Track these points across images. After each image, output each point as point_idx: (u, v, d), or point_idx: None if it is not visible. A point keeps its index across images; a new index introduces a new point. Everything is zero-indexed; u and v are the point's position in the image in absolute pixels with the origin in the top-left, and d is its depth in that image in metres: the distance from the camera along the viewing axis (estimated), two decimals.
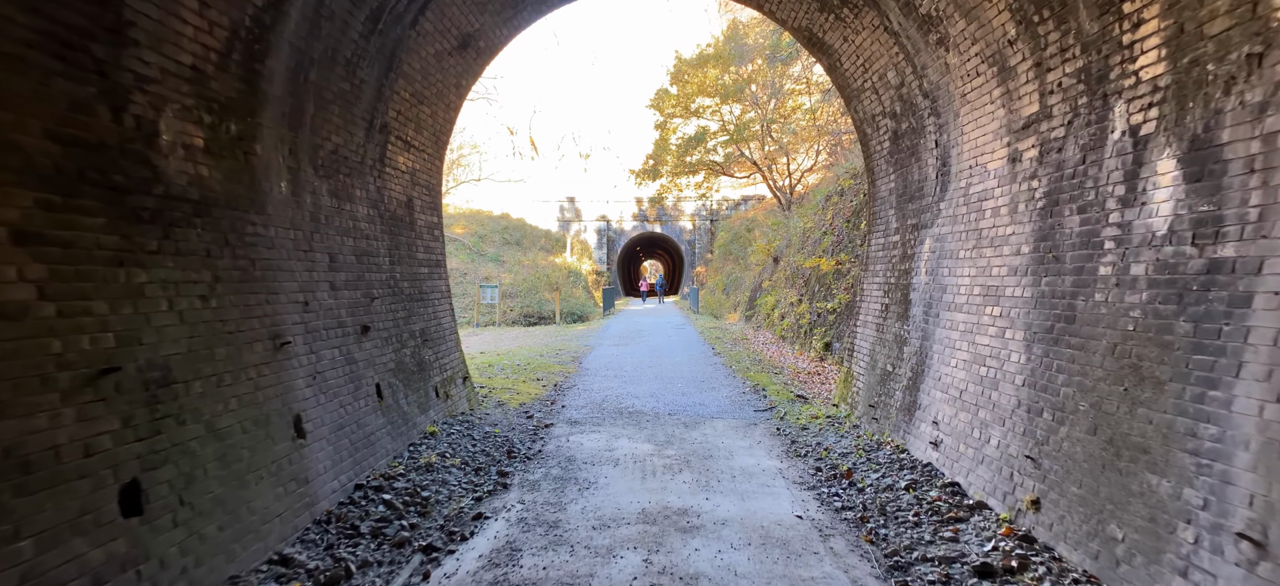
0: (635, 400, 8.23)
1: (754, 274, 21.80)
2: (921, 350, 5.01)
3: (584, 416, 7.30)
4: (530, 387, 9.18)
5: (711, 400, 8.15)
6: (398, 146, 5.52)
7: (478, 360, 11.93)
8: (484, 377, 9.75)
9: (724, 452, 5.69)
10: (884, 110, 5.82)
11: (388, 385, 4.99)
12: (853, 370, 6.71)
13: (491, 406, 7.53)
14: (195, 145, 2.70)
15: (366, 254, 4.92)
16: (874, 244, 6.64)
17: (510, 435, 6.25)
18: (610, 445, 6.04)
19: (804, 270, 14.42)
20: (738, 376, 10.07)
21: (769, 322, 16.22)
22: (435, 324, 6.55)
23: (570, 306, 23.49)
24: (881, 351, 5.94)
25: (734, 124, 26.89)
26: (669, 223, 37.64)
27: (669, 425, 6.83)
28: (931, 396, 4.65)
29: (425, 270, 6.42)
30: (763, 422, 6.81)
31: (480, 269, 24.86)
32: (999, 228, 4.01)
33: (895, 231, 5.99)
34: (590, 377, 10.14)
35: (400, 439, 4.92)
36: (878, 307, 6.27)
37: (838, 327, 11.17)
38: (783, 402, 7.93)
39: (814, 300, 12.95)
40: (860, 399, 6.26)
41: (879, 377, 5.86)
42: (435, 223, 6.82)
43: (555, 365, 11.61)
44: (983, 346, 4.03)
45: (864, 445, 5.35)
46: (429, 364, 6.11)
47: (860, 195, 12.47)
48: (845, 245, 12.37)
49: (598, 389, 9.12)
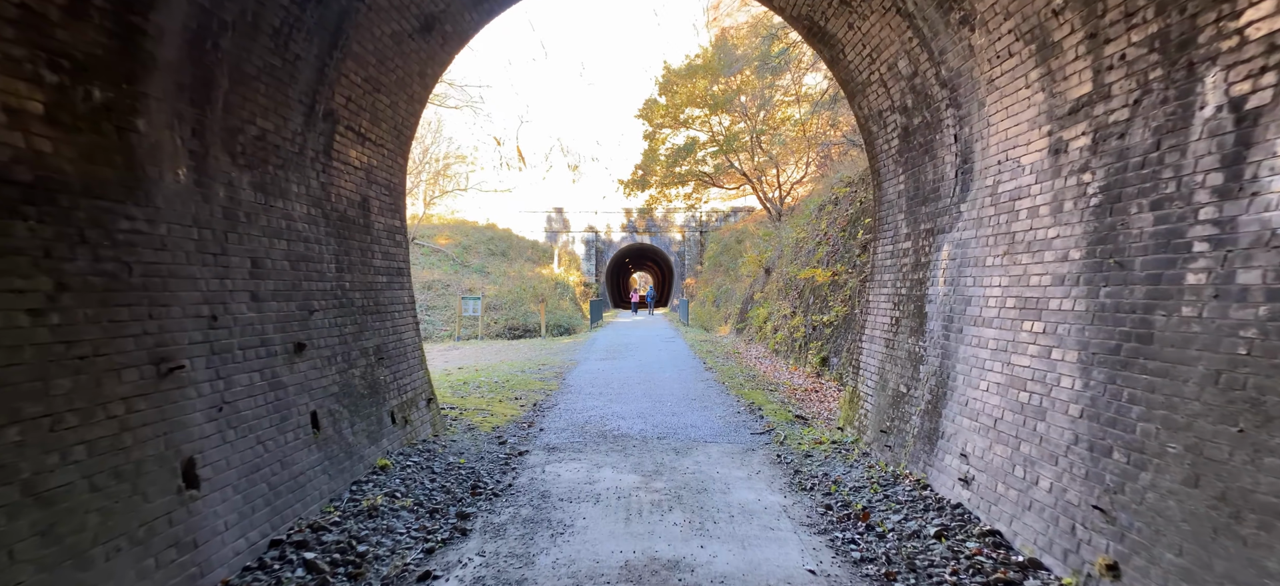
0: (621, 421, 7.55)
1: (745, 286, 21.28)
2: (942, 370, 4.42)
3: (564, 441, 6.61)
4: (506, 408, 8.46)
5: (704, 421, 7.50)
6: (349, 138, 4.86)
7: (452, 377, 11.18)
8: (455, 397, 9.00)
9: (720, 485, 5.03)
10: (893, 104, 5.28)
11: (328, 413, 4.28)
12: (859, 390, 6.10)
13: (460, 431, 6.80)
14: (25, 110, 2.04)
15: (305, 259, 4.23)
16: (880, 252, 6.07)
17: (477, 466, 5.54)
18: (591, 476, 5.35)
19: (798, 281, 13.88)
20: (731, 394, 9.43)
21: (761, 336, 15.65)
22: (395, 339, 5.85)
23: (557, 319, 22.77)
24: (892, 370, 5.34)
25: (723, 135, 26.55)
26: (658, 234, 37.16)
27: (658, 451, 6.16)
28: (957, 424, 4.04)
29: (383, 279, 5.73)
30: (761, 448, 6.16)
31: (464, 280, 24.09)
32: (1038, 230, 3.44)
33: (905, 237, 5.43)
34: (573, 396, 9.44)
35: (341, 477, 4.20)
36: (886, 321, 5.69)
37: (835, 341, 10.61)
38: (781, 424, 7.30)
39: (809, 312, 12.39)
40: (869, 422, 5.64)
41: (891, 399, 5.26)
42: (397, 226, 6.14)
43: (536, 382, 10.90)
44: (1022, 368, 3.44)
45: (878, 478, 4.72)
46: (384, 386, 5.40)
47: (856, 203, 11.99)
48: (841, 255, 11.85)
49: (580, 408, 8.43)
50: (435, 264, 24.78)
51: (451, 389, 9.81)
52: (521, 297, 23.53)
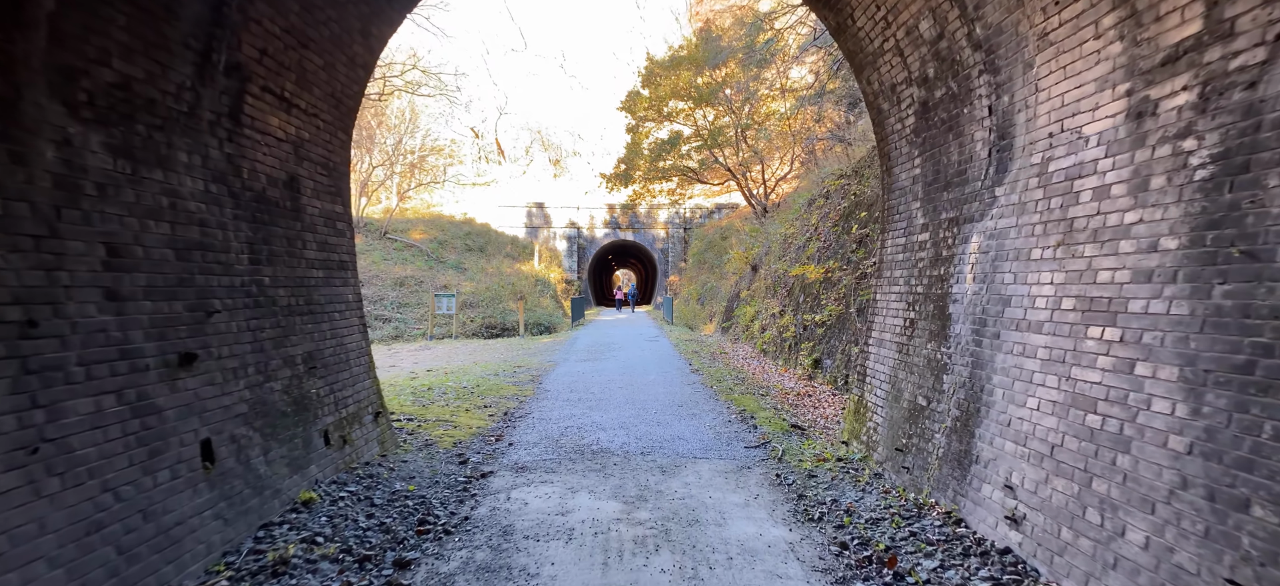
0: (601, 433, 6.78)
1: (730, 283, 20.67)
2: (973, 381, 3.75)
3: (535, 459, 5.82)
4: (473, 418, 7.63)
5: (693, 432, 6.77)
6: (266, 102, 4.00)
7: (417, 381, 10.29)
8: (416, 406, 8.13)
9: (714, 515, 4.30)
10: (910, 76, 4.60)
11: (231, 440, 3.43)
12: (866, 399, 5.43)
13: (415, 449, 5.97)
14: None
15: (202, 248, 3.38)
16: (890, 245, 5.41)
17: (429, 494, 4.73)
18: (565, 504, 4.58)
19: (788, 279, 13.27)
20: (720, 399, 8.73)
21: (748, 335, 15.02)
22: (333, 345, 5.00)
23: (537, 317, 21.90)
24: (908, 378, 4.67)
25: (708, 129, 25.92)
26: (642, 230, 36.43)
27: (642, 470, 5.42)
28: (997, 447, 3.38)
29: (319, 273, 4.87)
30: (757, 465, 5.46)
31: (439, 276, 23.06)
32: (1109, 214, 2.78)
33: (922, 229, 4.76)
34: (549, 403, 8.65)
35: (244, 521, 3.36)
36: (899, 323, 5.02)
37: (828, 342, 9.99)
38: (777, 435, 6.61)
39: (800, 311, 11.78)
40: (880, 437, 4.97)
41: (906, 412, 4.59)
42: (338, 213, 5.27)
43: (510, 386, 10.07)
44: (1089, 384, 2.78)
45: (899, 507, 4.04)
46: (316, 400, 4.55)
47: (850, 197, 11.40)
48: (834, 251, 11.24)
49: (557, 418, 7.64)
50: (409, 259, 23.69)
51: (413, 396, 8.93)
52: (500, 295, 22.60)
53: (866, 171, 11.06)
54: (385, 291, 21.17)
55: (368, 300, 20.30)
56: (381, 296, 20.87)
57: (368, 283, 21.16)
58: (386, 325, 19.74)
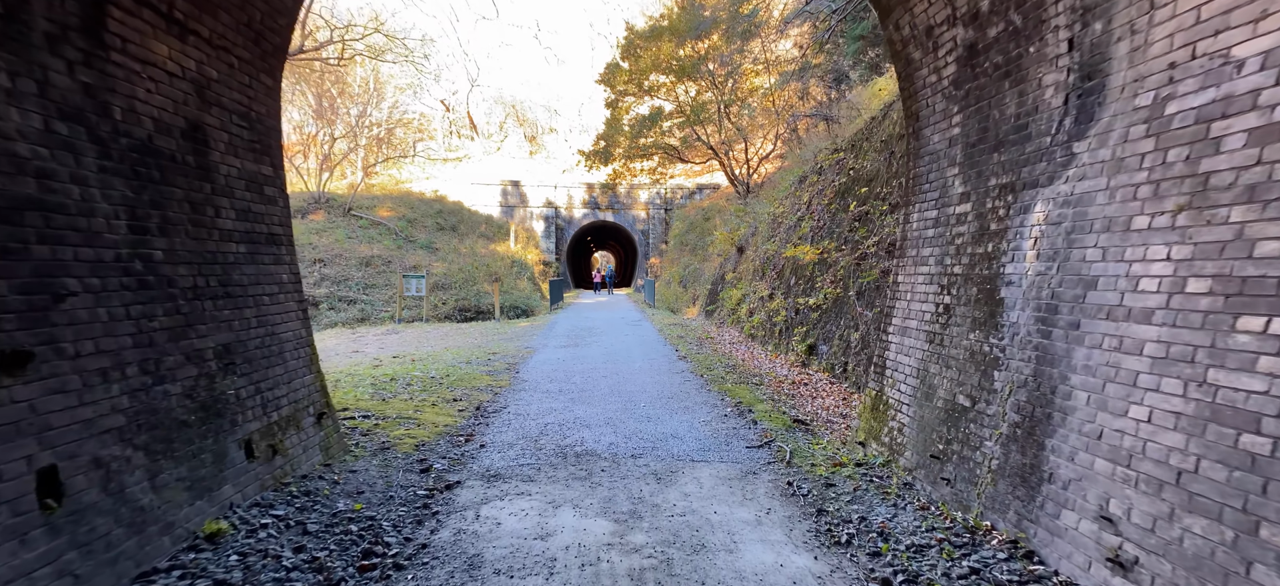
0: (586, 431, 6.02)
1: (714, 265, 20.01)
2: (1039, 380, 3.09)
3: (510, 464, 5.04)
4: (440, 414, 6.78)
5: (687, 429, 6.06)
6: (145, 21, 3.03)
7: (380, 371, 9.34)
8: (375, 401, 7.23)
9: (722, 537, 3.59)
10: (955, 13, 3.86)
11: (95, 465, 2.55)
12: (888, 396, 4.77)
13: (368, 454, 5.11)
14: None
15: (40, 208, 2.46)
16: (917, 220, 4.71)
17: (380, 514, 3.90)
18: (544, 525, 3.82)
19: (778, 260, 12.62)
20: (712, 389, 8.05)
21: (735, 319, 14.40)
22: (262, 335, 4.09)
23: (513, 299, 20.92)
24: (943, 373, 4.01)
25: (690, 105, 25.01)
26: (622, 211, 35.48)
27: (634, 477, 4.68)
28: (1083, 465, 2.72)
29: (240, 249, 3.94)
30: (764, 470, 4.77)
31: (409, 256, 21.83)
32: (1276, 165, 2.09)
33: (960, 199, 4.07)
34: (527, 395, 7.84)
35: (110, 572, 2.50)
36: (929, 309, 4.35)
37: (824, 327, 9.38)
38: (780, 432, 5.95)
39: (791, 295, 11.15)
40: (908, 440, 4.32)
41: (942, 413, 3.93)
42: (268, 176, 4.32)
43: (484, 376, 9.21)
44: (1242, 394, 2.11)
45: (945, 531, 3.38)
46: (235, 404, 3.66)
47: (846, 173, 10.74)
48: (829, 231, 10.60)
49: (536, 413, 6.85)
50: (376, 238, 22.36)
51: (373, 388, 8.01)
52: (473, 276, 21.52)
53: (865, 144, 10.40)
54: (350, 271, 19.90)
55: (331, 281, 19.04)
56: (346, 276, 19.61)
57: (331, 262, 19.87)
58: (351, 307, 18.56)
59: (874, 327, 7.66)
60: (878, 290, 7.94)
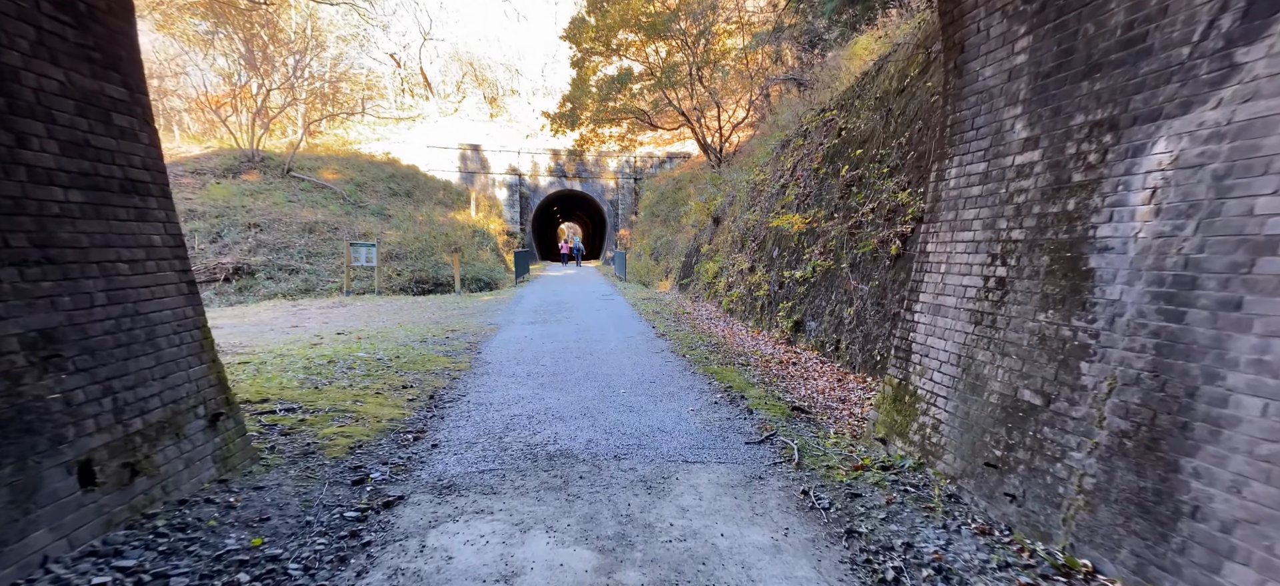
0: (559, 425, 5.13)
1: (688, 237, 19.18)
2: (1159, 375, 2.37)
3: (467, 471, 4.11)
4: (385, 405, 5.74)
5: (675, 420, 5.25)
6: None
7: (316, 351, 8.13)
8: (305, 389, 6.09)
9: (736, 574, 2.79)
10: None
11: None
12: (915, 385, 4.04)
13: (285, 462, 4.07)
14: None
15: None
16: (956, 176, 3.93)
17: (289, 548, 2.92)
18: (510, 559, 2.94)
19: (759, 231, 11.87)
20: (697, 371, 7.26)
21: (711, 293, 13.67)
22: (114, 315, 2.97)
23: (475, 271, 19.61)
24: (996, 362, 3.29)
25: (661, 66, 23.75)
26: (590, 180, 34.09)
27: (619, 485, 3.84)
28: (1260, 503, 2.02)
29: (72, 198, 2.79)
30: (772, 474, 4.00)
31: (358, 223, 20.11)
32: None
33: (1027, 146, 3.29)
34: (491, 380, 6.86)
35: None
36: (974, 283, 3.61)
37: (813, 302, 8.71)
38: (779, 421, 5.21)
39: (775, 267, 10.44)
40: (946, 440, 3.61)
41: (998, 411, 3.21)
42: (117, 99, 3.13)
43: (440, 357, 8.15)
44: None
45: (1027, 569, 2.65)
46: (61, 414, 2.58)
47: (836, 135, 9.96)
48: (816, 198, 9.87)
49: (500, 402, 5.90)
50: (320, 202, 20.49)
51: (306, 372, 6.86)
52: (431, 246, 20.04)
53: (856, 103, 9.63)
54: (291, 237, 18.13)
55: (268, 247, 17.27)
56: (286, 243, 17.85)
57: (269, 227, 18.03)
58: (293, 276, 16.91)
59: (872, 303, 6.99)
60: (875, 261, 7.26)
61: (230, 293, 16.08)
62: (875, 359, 6.49)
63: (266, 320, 12.88)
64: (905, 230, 6.61)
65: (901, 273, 6.50)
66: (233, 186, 19.36)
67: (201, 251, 16.79)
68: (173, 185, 18.71)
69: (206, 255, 16.72)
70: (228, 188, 19.20)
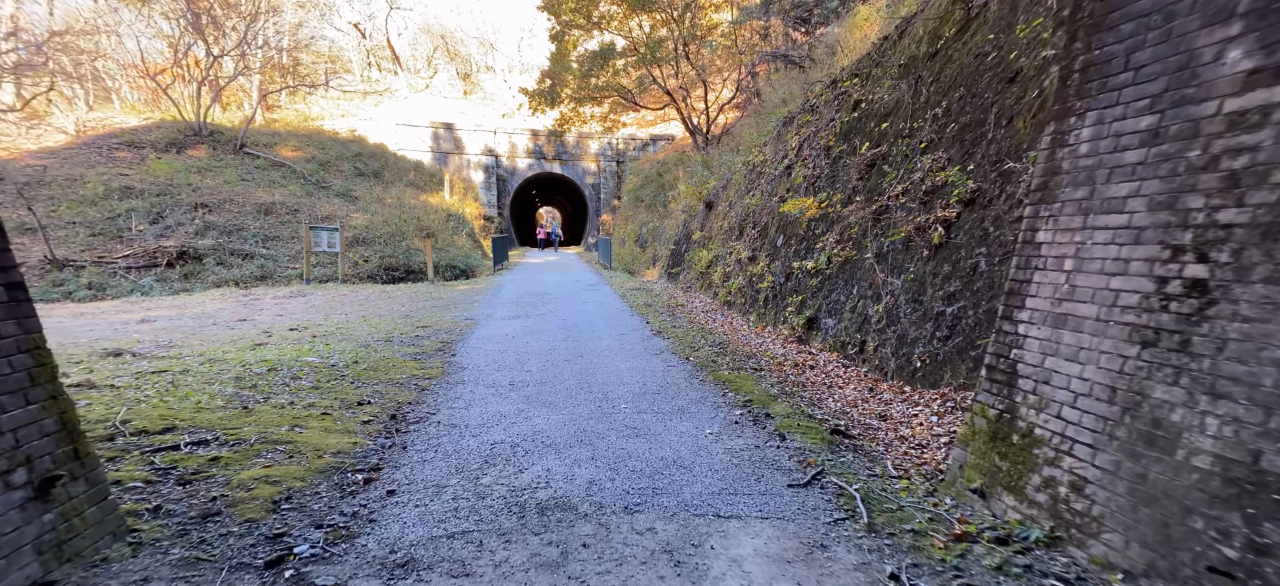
0: (551, 459, 4.00)
1: (677, 222, 18.06)
2: None
3: (432, 535, 2.97)
4: (332, 432, 4.51)
5: (691, 447, 4.16)
6: None
7: (257, 354, 6.73)
8: (229, 413, 4.73)
9: None
10: None
11: None
12: (1029, 421, 3.03)
13: (165, 539, 2.84)
14: None
15: None
16: (1095, 139, 2.88)
17: None
18: None
19: (760, 216, 10.82)
20: (705, 377, 6.19)
21: (706, 284, 12.62)
22: None
23: (450, 258, 18.16)
24: (1203, 407, 2.26)
25: (645, 41, 22.37)
26: (570, 162, 32.57)
27: (636, 561, 2.74)
28: None
29: None
30: (836, 539, 2.94)
31: (321, 205, 18.40)
32: None
33: (1254, 82, 2.25)
34: (467, 392, 5.68)
35: None
36: (1140, 288, 2.57)
37: (829, 296, 7.72)
38: (819, 450, 4.17)
39: (780, 258, 9.42)
40: (1101, 510, 2.59)
41: (1220, 482, 2.19)
42: None
43: (406, 361, 6.90)
44: None
45: None
46: None
47: (846, 109, 8.92)
48: (829, 180, 8.84)
49: (478, 423, 4.73)
50: (279, 181, 18.68)
51: (237, 385, 5.54)
52: (401, 230, 18.48)
53: (876, 72, 8.58)
54: (245, 220, 16.40)
55: (218, 230, 15.53)
56: (239, 225, 16.12)
57: (219, 208, 16.25)
58: (247, 263, 15.26)
59: (907, 299, 6.02)
60: (908, 250, 6.27)
61: (174, 280, 14.36)
62: (915, 365, 5.52)
63: (211, 311, 11.33)
64: (949, 215, 5.61)
65: (944, 264, 5.53)
66: (177, 162, 17.40)
67: (139, 233, 14.96)
68: (104, 158, 16.66)
69: (145, 237, 14.91)
70: (171, 163, 17.24)
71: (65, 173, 15.63)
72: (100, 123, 18.29)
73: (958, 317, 5.05)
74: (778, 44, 21.48)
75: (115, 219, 15.07)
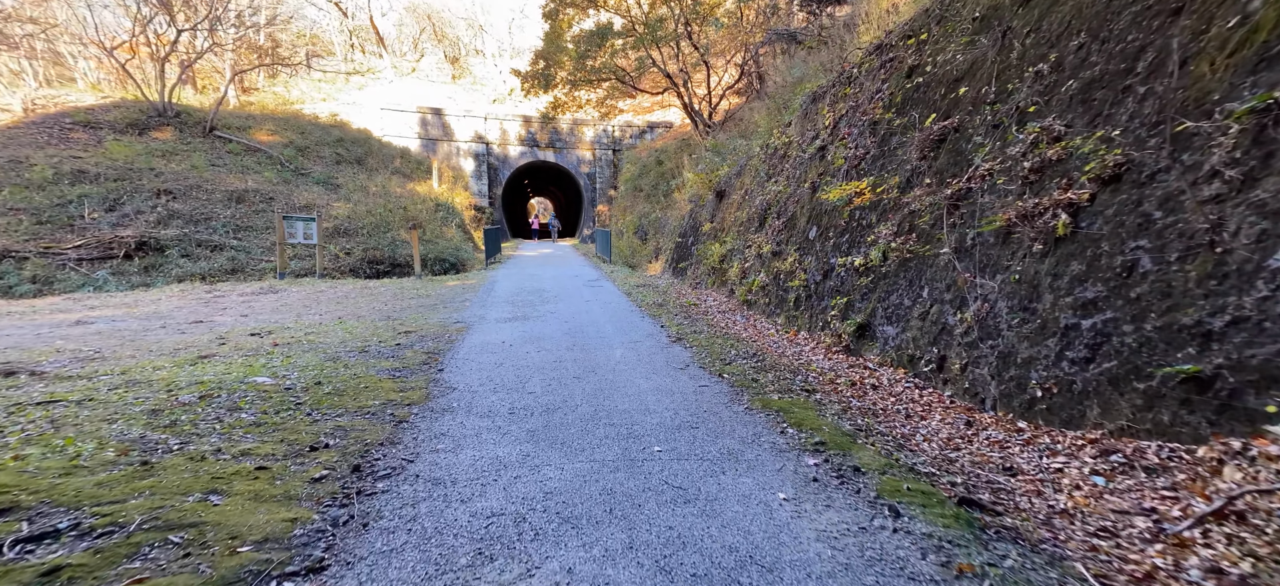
0: (573, 545, 2.64)
1: (681, 213, 16.69)
2: None
3: None
4: (262, 497, 3.10)
5: (768, 530, 2.84)
6: None
7: (198, 372, 5.17)
8: (119, 471, 3.23)
9: None
10: None
11: None
12: None
13: None
14: None
15: None
16: None
17: None
18: None
19: (787, 204, 9.50)
20: (750, 402, 4.86)
21: (718, 280, 11.30)
22: None
23: (439, 251, 16.66)
24: None
25: (644, 20, 20.84)
26: (564, 150, 30.97)
27: None
28: None
29: None
30: None
31: (300, 193, 16.78)
32: None
33: None
34: (456, 426, 4.30)
35: None
36: None
37: (887, 299, 6.42)
38: (953, 536, 2.86)
39: (815, 252, 8.12)
40: None
41: None
42: None
43: (382, 380, 5.50)
44: None
45: None
46: None
47: (904, 75, 7.59)
48: (878, 162, 7.53)
49: (468, 480, 3.36)
50: (253, 168, 17.01)
51: (148, 420, 4.11)
52: (386, 221, 16.93)
53: (935, 30, 7.24)
54: (214, 208, 14.77)
55: (183, 219, 13.92)
56: (207, 214, 14.51)
57: (184, 195, 14.60)
58: (217, 254, 13.68)
59: (1013, 305, 4.73)
60: (1008, 243, 4.98)
61: (132, 272, 12.75)
62: (1032, 394, 4.25)
63: (166, 311, 9.81)
64: (1078, 197, 4.32)
65: (1073, 262, 4.24)
66: (139, 145, 15.67)
67: (93, 221, 13.30)
68: (55, 139, 14.88)
69: (99, 226, 13.25)
70: (132, 146, 15.50)
71: (8, 154, 13.87)
72: (52, 100, 16.47)
73: (1103, 334, 3.77)
74: (788, 23, 20.06)
75: (66, 205, 13.39)
